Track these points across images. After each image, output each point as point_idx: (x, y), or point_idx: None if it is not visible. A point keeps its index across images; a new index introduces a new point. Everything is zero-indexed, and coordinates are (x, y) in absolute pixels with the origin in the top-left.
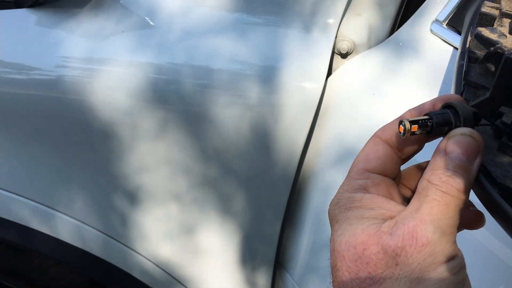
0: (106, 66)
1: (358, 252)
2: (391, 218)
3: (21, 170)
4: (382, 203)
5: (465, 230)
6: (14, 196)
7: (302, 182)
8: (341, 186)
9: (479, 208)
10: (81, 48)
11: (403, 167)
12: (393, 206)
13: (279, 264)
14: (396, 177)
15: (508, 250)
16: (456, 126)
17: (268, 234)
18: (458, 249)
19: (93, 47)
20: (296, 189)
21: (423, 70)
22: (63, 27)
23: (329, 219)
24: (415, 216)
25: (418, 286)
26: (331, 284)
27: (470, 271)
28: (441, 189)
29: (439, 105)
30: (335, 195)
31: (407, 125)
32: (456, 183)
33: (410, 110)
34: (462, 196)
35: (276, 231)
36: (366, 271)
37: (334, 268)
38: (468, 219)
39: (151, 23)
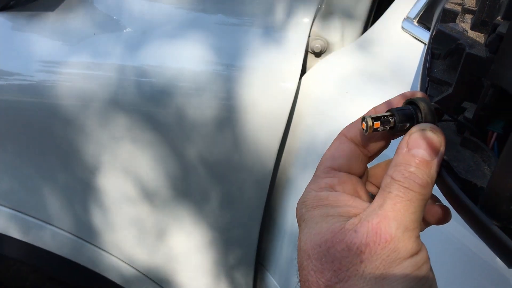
0: (78, 69)
1: (323, 251)
2: (356, 215)
3: None
4: (348, 201)
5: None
6: None
7: (279, 182)
8: (308, 185)
9: (445, 203)
10: (52, 51)
11: (370, 165)
12: (358, 204)
13: (260, 265)
14: (363, 175)
15: (478, 242)
16: (418, 122)
17: (247, 235)
18: (422, 244)
19: (64, 50)
20: (273, 189)
21: (395, 67)
22: (34, 30)
23: (297, 218)
24: (379, 212)
25: (382, 282)
26: (299, 284)
27: (441, 264)
28: (404, 185)
29: (403, 102)
30: (302, 194)
31: (369, 121)
32: (419, 179)
33: (375, 108)
34: (425, 192)
35: (255, 232)
36: (332, 269)
37: (300, 267)
38: (434, 214)
39: (123, 24)
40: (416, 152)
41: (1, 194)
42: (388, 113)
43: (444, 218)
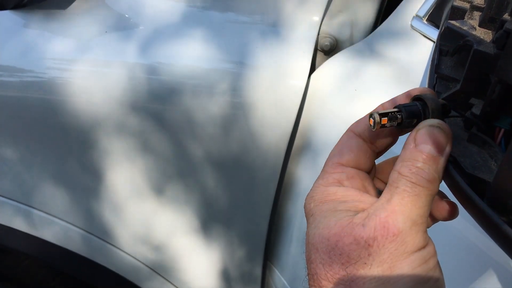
0: (90, 67)
1: (331, 244)
2: (364, 210)
3: (5, 171)
4: (356, 196)
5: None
6: None
7: (287, 179)
8: (316, 180)
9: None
10: (64, 49)
11: (378, 161)
12: (366, 198)
13: (268, 262)
14: (370, 170)
15: (485, 238)
16: (425, 118)
17: (256, 232)
18: (429, 239)
19: (76, 48)
20: (282, 187)
21: (404, 65)
22: (46, 28)
23: (305, 213)
24: (386, 207)
25: (389, 275)
26: (307, 277)
27: (448, 260)
28: (411, 180)
29: (409, 99)
30: (311, 189)
31: (377, 118)
32: (426, 174)
33: (382, 104)
34: (432, 187)
35: (263, 229)
36: (339, 262)
37: (309, 261)
38: (442, 210)
39: (135, 22)
40: (423, 148)
41: (13, 189)
42: (395, 110)
43: (452, 214)
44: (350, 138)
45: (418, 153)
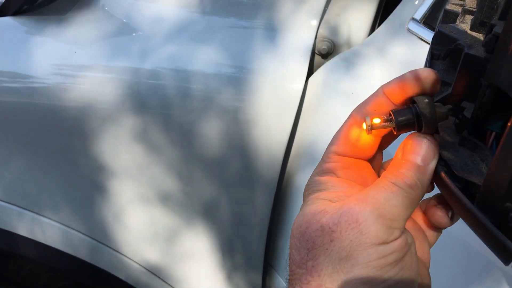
0: (89, 72)
1: (302, 230)
2: None
3: (7, 177)
4: (345, 187)
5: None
6: (1, 203)
7: (286, 182)
8: (314, 169)
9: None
10: (65, 55)
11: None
12: (354, 190)
13: (269, 265)
14: (373, 158)
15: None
16: (418, 122)
17: (255, 235)
18: (399, 238)
19: (77, 54)
20: (281, 190)
21: (401, 68)
22: (47, 34)
23: (303, 201)
24: (359, 197)
25: (346, 264)
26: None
27: (445, 262)
28: (390, 180)
29: (409, 83)
30: (309, 179)
31: (368, 122)
32: (407, 178)
33: (384, 87)
34: (413, 192)
35: (263, 233)
36: (306, 247)
37: (289, 246)
38: (434, 217)
39: (134, 28)
40: (409, 157)
41: (16, 194)
42: (389, 123)
43: (445, 221)
44: (351, 126)
45: (403, 162)
